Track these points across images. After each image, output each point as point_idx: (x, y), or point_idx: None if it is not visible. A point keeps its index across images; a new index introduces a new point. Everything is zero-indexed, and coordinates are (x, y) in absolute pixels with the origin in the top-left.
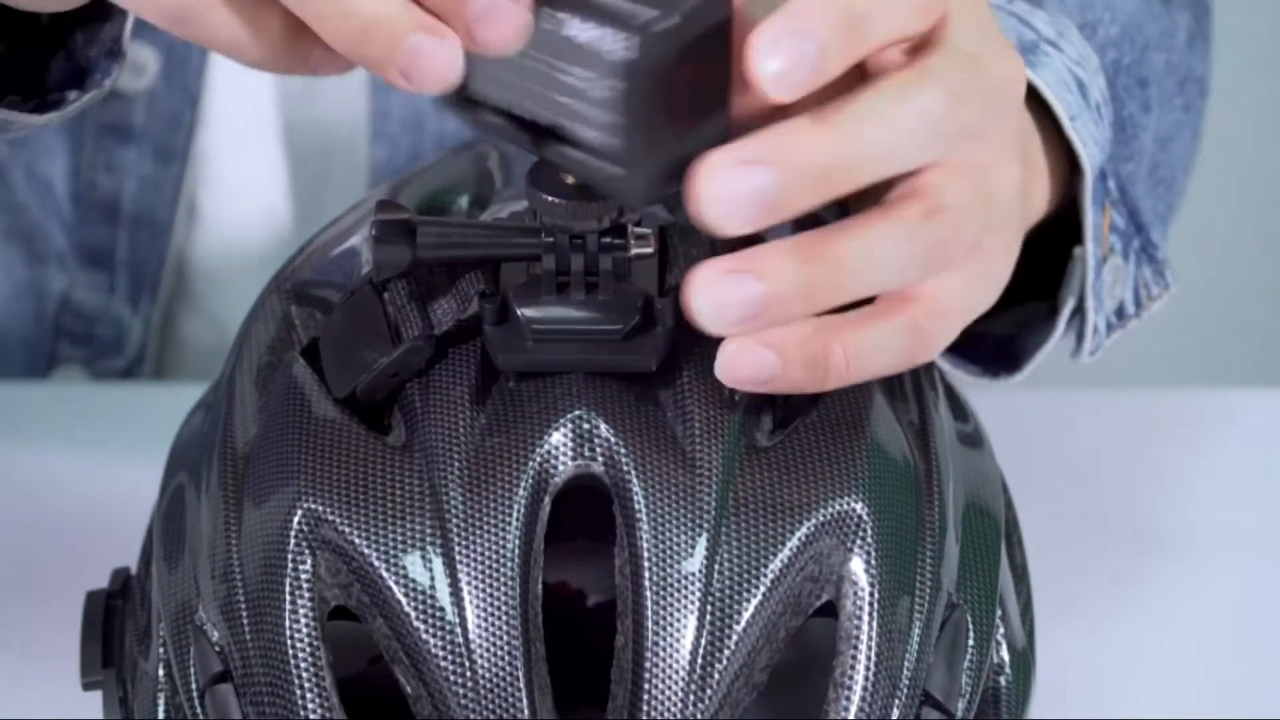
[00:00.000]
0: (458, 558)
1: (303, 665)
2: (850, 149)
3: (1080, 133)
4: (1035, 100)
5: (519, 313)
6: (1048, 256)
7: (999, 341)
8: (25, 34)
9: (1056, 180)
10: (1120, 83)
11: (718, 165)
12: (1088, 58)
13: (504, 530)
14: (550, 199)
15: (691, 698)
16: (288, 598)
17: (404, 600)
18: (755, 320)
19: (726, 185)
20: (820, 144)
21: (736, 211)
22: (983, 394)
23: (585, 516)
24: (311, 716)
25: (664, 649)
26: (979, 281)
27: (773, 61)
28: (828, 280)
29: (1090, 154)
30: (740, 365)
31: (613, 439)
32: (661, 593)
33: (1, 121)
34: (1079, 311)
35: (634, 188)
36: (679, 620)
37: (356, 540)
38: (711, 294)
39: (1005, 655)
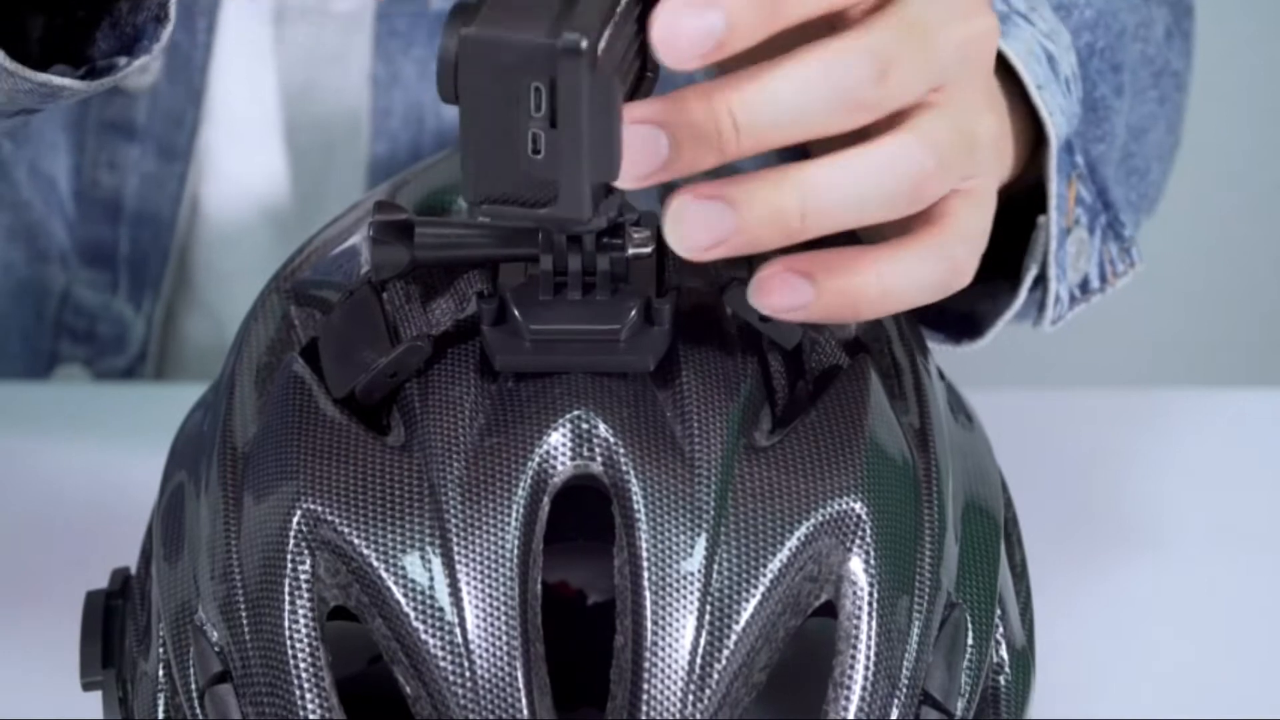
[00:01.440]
0: (457, 558)
1: (302, 665)
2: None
3: (1048, 102)
4: (1004, 70)
5: (517, 314)
6: (1012, 232)
7: (962, 314)
8: (70, 3)
9: (1021, 149)
10: (1094, 65)
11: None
12: (1059, 33)
13: (503, 530)
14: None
15: (691, 697)
16: (287, 598)
17: (403, 600)
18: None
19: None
20: None
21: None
22: (982, 394)
23: (584, 516)
24: (311, 717)
25: (663, 649)
26: (983, 211)
27: (677, 32)
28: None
29: (1056, 123)
30: (774, 293)
31: (611, 439)
32: (661, 592)
33: (54, 89)
34: (1041, 281)
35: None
36: (678, 620)
37: (355, 540)
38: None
39: (1005, 654)
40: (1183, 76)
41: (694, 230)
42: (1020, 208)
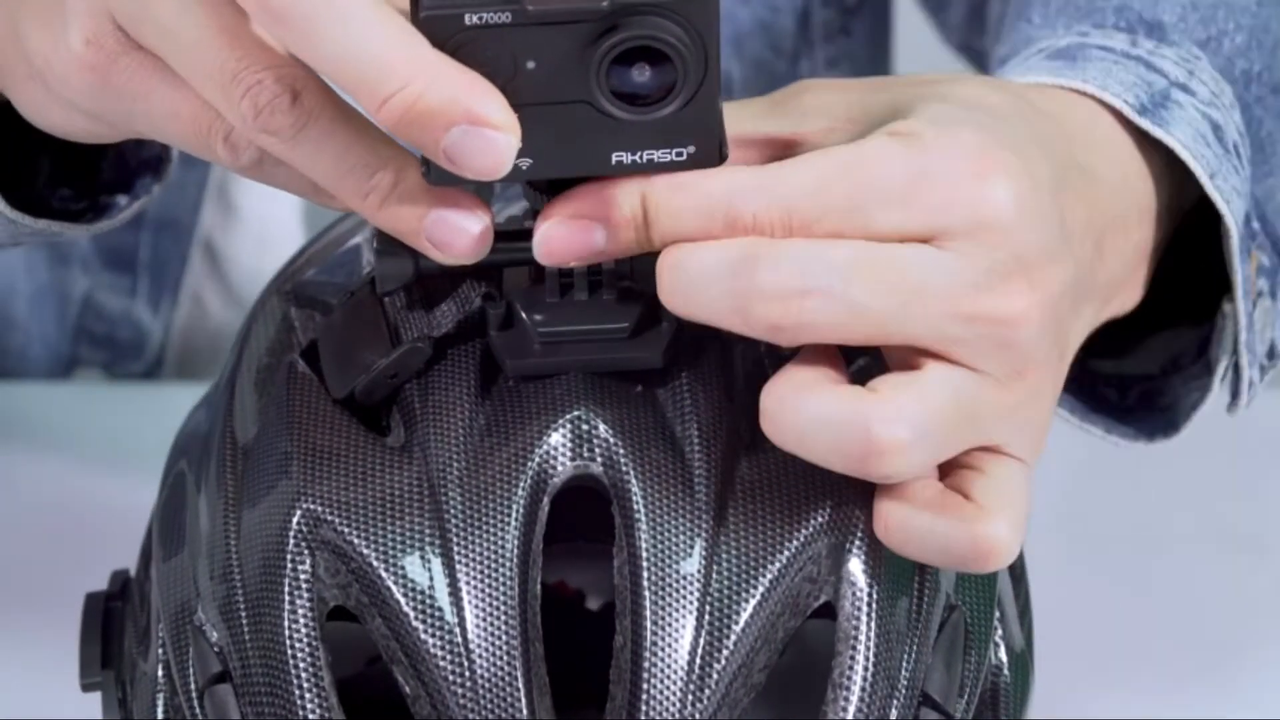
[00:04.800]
0: (456, 558)
1: (301, 666)
2: None
3: (1222, 188)
4: (1166, 151)
5: (525, 317)
6: (1174, 285)
7: (1146, 388)
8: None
9: (1170, 202)
10: (1253, 93)
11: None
12: (1221, 93)
13: (503, 530)
14: (549, 197)
15: (690, 698)
16: (287, 598)
17: (403, 600)
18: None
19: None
20: None
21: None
22: None
23: (584, 517)
24: (310, 717)
25: (663, 649)
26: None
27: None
28: None
29: (1235, 209)
30: None
31: (611, 439)
32: (660, 593)
33: (56, 233)
34: (1233, 366)
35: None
36: (678, 620)
37: (355, 540)
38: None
39: (1003, 657)
40: None
41: None
42: (1181, 239)
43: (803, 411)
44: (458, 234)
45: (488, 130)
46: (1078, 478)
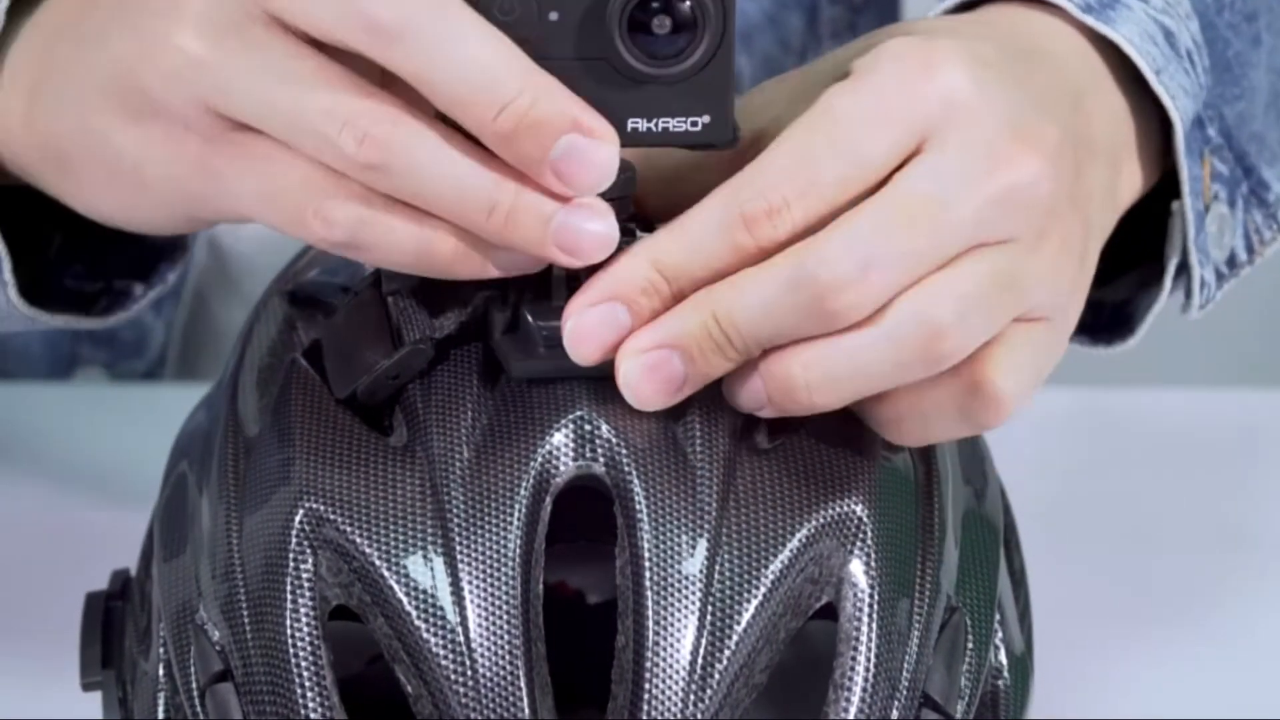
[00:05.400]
0: (459, 558)
1: (303, 665)
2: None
3: (1168, 85)
4: (1119, 56)
5: (530, 320)
6: (1148, 214)
7: (1115, 307)
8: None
9: (1152, 142)
10: (1224, 19)
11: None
12: (1176, 3)
13: (505, 530)
14: None
15: (692, 698)
16: (289, 597)
17: (405, 600)
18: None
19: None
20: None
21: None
22: None
23: (586, 517)
24: (312, 716)
25: (664, 649)
26: (1048, 338)
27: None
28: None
29: (1181, 106)
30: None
31: (614, 440)
32: (662, 593)
33: (70, 323)
34: (1185, 268)
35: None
36: (679, 621)
37: (358, 540)
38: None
39: (1004, 659)
40: None
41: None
42: (1161, 191)
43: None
44: (584, 235)
45: (594, 140)
46: (1079, 480)
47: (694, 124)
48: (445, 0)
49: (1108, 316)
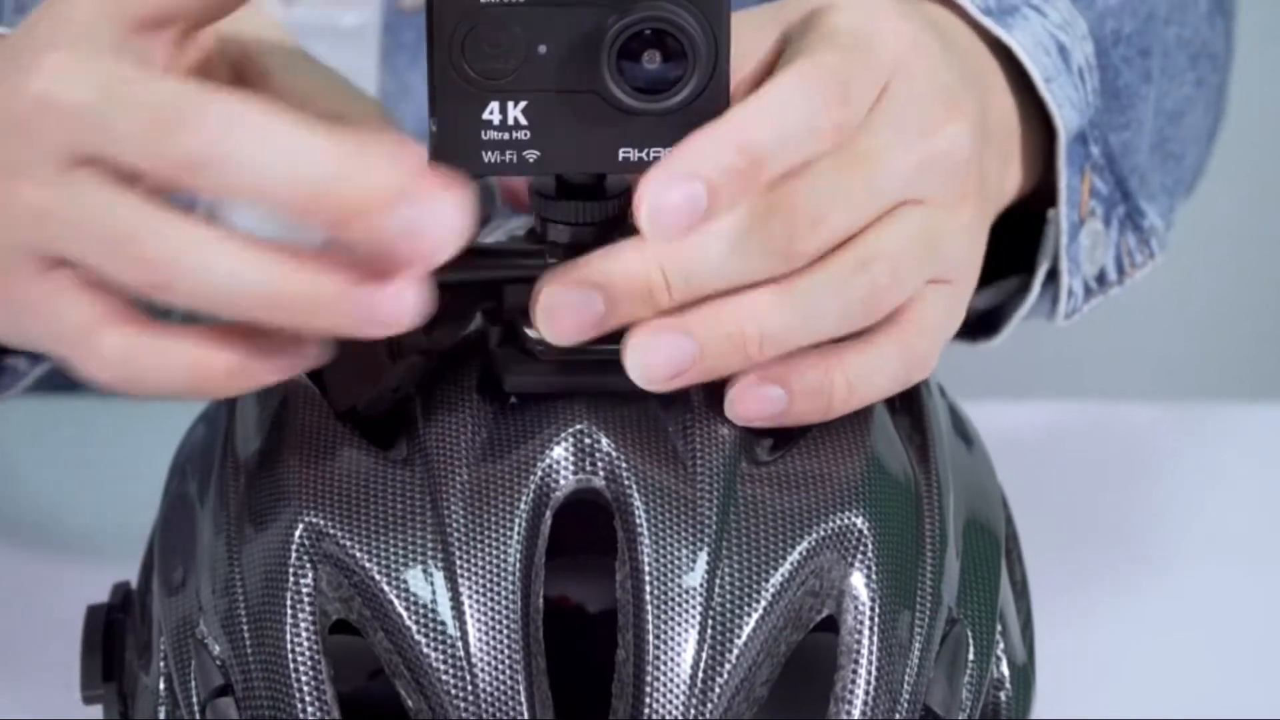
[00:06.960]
0: (459, 572)
1: (304, 678)
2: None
3: (1056, 94)
4: (1014, 64)
5: (526, 333)
6: (1030, 227)
7: (981, 314)
8: None
9: (1039, 143)
10: (1119, 52)
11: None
12: (1073, 23)
13: (505, 544)
14: (554, 199)
15: (692, 712)
16: (289, 611)
17: (405, 614)
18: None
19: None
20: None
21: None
22: (983, 407)
23: (586, 531)
24: None
25: (665, 663)
26: (952, 301)
27: (660, 205)
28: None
29: (1066, 116)
30: (748, 402)
31: (614, 453)
32: (662, 607)
33: None
34: (1055, 276)
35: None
36: (680, 634)
37: (358, 554)
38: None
39: (1005, 671)
40: (1221, 58)
41: (655, 361)
42: (1042, 202)
43: None
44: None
45: (429, 203)
46: (1081, 491)
47: None
48: (235, 116)
49: (972, 321)
